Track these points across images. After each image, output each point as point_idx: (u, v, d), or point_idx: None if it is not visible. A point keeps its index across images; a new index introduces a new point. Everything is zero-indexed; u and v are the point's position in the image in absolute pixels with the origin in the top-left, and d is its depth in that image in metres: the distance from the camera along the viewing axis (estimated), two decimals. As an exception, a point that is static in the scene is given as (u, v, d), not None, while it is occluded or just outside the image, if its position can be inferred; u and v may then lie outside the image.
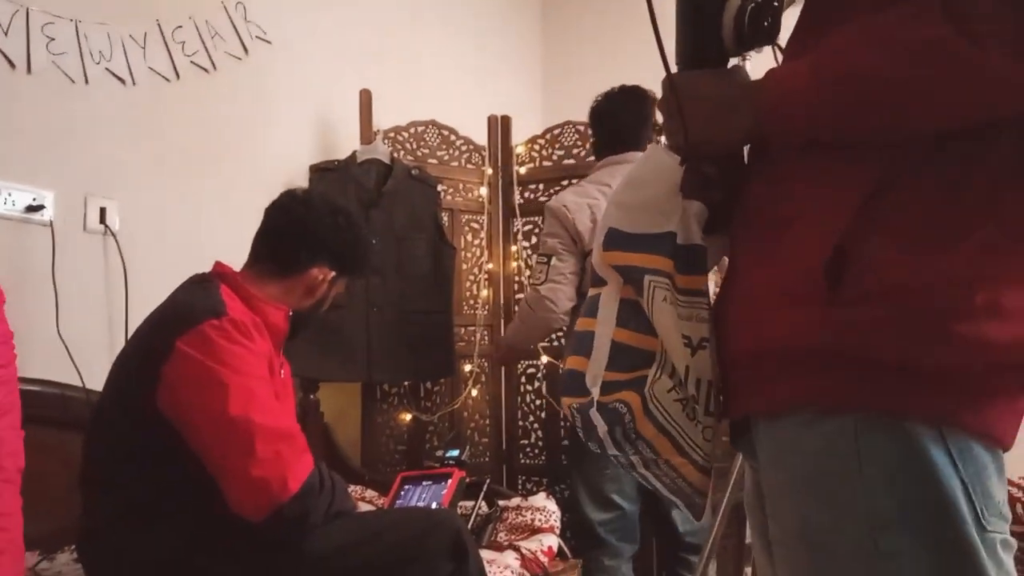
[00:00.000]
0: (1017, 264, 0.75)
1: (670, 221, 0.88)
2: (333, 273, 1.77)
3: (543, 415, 3.01)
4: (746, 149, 0.92)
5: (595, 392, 0.92)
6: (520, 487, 2.98)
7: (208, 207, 2.53)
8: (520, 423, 3.03)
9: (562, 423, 2.92)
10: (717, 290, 0.94)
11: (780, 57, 0.92)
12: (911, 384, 0.75)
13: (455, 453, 2.25)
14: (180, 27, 2.48)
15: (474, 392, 2.99)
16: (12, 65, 2.14)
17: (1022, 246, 0.75)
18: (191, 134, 2.50)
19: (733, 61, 0.91)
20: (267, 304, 1.66)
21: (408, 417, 2.85)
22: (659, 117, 1.25)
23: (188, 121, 2.50)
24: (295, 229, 1.76)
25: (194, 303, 1.57)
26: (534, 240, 3.03)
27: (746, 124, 0.85)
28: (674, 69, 0.89)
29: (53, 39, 2.20)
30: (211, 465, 1.46)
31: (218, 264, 1.72)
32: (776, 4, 0.87)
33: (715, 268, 0.99)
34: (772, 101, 0.83)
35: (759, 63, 0.93)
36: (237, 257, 1.78)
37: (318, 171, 2.69)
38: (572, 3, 3.86)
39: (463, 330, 2.99)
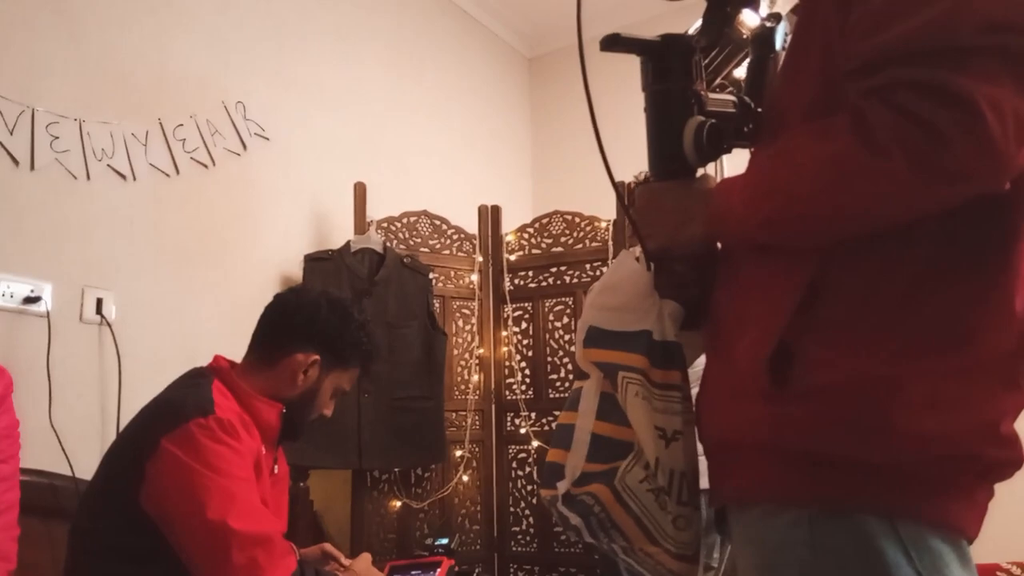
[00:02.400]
0: (947, 358, 0.78)
1: (645, 320, 0.94)
2: (316, 357, 1.72)
3: (534, 500, 3.00)
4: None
5: (562, 486, 0.96)
6: (512, 575, 2.95)
7: (204, 298, 2.57)
8: (512, 509, 3.02)
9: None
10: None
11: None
12: (859, 478, 0.77)
13: (444, 541, 2.24)
14: (181, 125, 2.58)
15: (465, 478, 2.99)
16: (16, 162, 2.21)
17: (950, 340, 0.78)
18: (189, 227, 2.57)
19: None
20: (260, 401, 1.65)
21: (398, 504, 2.84)
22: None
23: (186, 215, 2.57)
24: (281, 317, 1.77)
25: (184, 400, 1.56)
26: (524, 325, 3.10)
27: (700, 232, 0.92)
28: (621, 178, 0.96)
29: (57, 137, 2.28)
30: (189, 565, 1.46)
31: (217, 358, 1.73)
32: (736, 117, 0.94)
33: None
34: (715, 214, 0.90)
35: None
36: (231, 348, 1.80)
37: (312, 260, 2.75)
38: (560, 99, 4.01)
39: (454, 415, 3.00)
